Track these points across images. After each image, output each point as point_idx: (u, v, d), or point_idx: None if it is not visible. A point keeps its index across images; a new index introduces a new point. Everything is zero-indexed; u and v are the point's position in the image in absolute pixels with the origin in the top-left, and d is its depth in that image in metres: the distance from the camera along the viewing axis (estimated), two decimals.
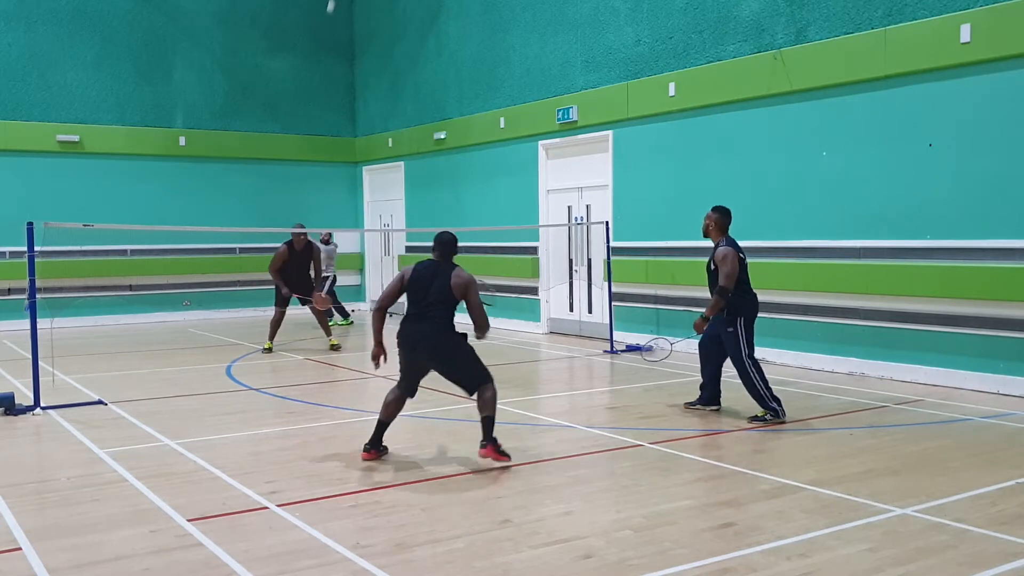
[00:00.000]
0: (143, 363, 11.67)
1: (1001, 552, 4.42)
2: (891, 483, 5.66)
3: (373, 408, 8.49)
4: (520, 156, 14.86)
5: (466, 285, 6.35)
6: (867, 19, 9.78)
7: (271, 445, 6.96)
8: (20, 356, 11.75)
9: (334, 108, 19.30)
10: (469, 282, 6.39)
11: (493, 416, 6.24)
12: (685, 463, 6.24)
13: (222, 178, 17.76)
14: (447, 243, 6.61)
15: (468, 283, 6.38)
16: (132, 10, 17.02)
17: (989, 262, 8.77)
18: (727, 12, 11.29)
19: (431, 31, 16.96)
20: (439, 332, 6.29)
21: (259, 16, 18.35)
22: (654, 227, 12.41)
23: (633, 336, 12.64)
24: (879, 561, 4.33)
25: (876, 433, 7.12)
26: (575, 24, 13.59)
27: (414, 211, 17.81)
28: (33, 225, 8.34)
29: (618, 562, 4.37)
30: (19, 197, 15.68)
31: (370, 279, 19.50)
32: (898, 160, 9.55)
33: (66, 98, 16.48)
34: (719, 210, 7.98)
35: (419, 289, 6.37)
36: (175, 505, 5.34)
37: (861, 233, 9.91)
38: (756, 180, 11.01)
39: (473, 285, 6.41)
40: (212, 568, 4.34)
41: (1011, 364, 8.65)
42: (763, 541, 4.61)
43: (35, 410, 8.24)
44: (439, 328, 6.29)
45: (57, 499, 5.63)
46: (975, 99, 8.90)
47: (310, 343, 13.63)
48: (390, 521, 5.03)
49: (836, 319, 10.19)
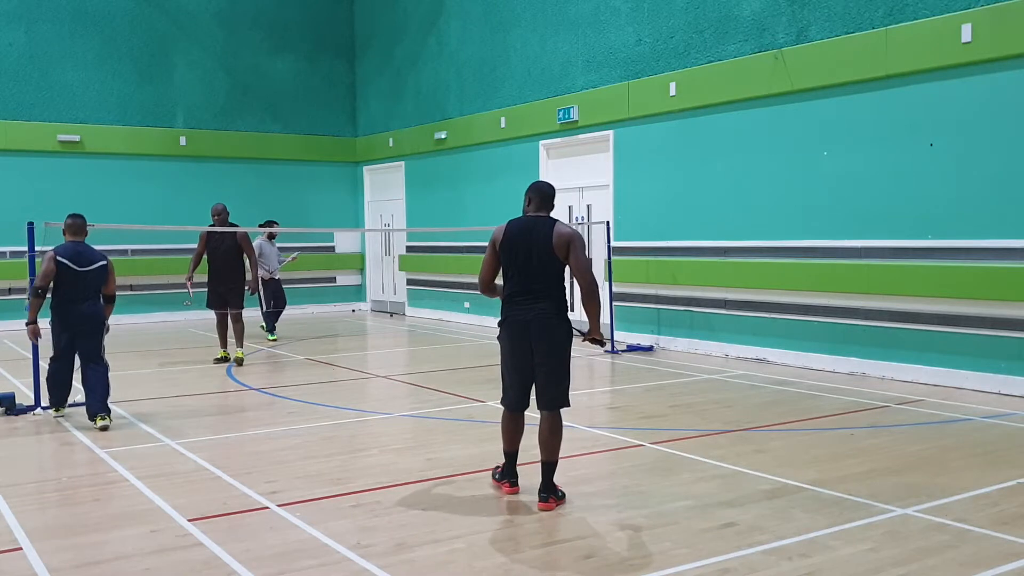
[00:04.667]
0: (143, 363, 11.67)
1: (1002, 552, 4.42)
2: (892, 483, 5.66)
3: (373, 408, 8.51)
4: (521, 156, 14.86)
5: (569, 240, 5.21)
6: (868, 19, 9.77)
7: (271, 445, 6.96)
8: (20, 356, 11.75)
9: (335, 108, 19.30)
10: (572, 236, 5.23)
11: (555, 462, 5.33)
12: (686, 463, 6.23)
13: (223, 178, 17.74)
14: (546, 193, 5.45)
15: (571, 236, 5.22)
16: (133, 10, 17.02)
17: (990, 262, 8.76)
18: (728, 12, 11.29)
19: (432, 31, 16.96)
20: (553, 313, 5.24)
21: (260, 16, 18.35)
22: (655, 227, 12.41)
23: (634, 336, 12.64)
24: (880, 561, 4.32)
25: (877, 433, 7.12)
26: (576, 24, 13.59)
27: (415, 211, 17.81)
28: (33, 225, 8.34)
29: (619, 562, 4.36)
30: (20, 197, 15.66)
31: (370, 279, 19.49)
32: (899, 160, 9.54)
33: (67, 98, 16.48)
34: None
35: (518, 254, 5.27)
36: (175, 505, 5.33)
37: (862, 233, 9.90)
38: (757, 180, 11.00)
39: (575, 238, 5.25)
40: (212, 568, 4.34)
41: (1012, 364, 8.64)
42: (764, 541, 4.60)
43: (35, 410, 8.24)
44: (553, 308, 5.24)
45: (57, 499, 5.63)
46: (976, 99, 8.90)
47: (310, 343, 13.63)
48: (391, 521, 5.03)
49: (837, 319, 10.18)
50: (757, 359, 10.99)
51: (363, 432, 7.52)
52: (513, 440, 5.50)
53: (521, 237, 5.27)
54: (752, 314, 11.10)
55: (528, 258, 5.24)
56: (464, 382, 9.68)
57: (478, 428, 7.39)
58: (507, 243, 5.29)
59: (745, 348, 11.19)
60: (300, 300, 18.27)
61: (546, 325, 5.24)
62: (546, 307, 5.25)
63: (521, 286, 5.28)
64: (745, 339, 11.21)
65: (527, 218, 5.38)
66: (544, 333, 5.24)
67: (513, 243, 5.28)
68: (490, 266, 5.41)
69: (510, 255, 5.29)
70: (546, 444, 5.30)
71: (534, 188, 5.47)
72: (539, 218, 5.35)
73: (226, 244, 11.34)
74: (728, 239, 11.33)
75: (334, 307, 19.15)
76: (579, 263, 5.23)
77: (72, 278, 7.63)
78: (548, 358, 5.27)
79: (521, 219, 5.39)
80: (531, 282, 5.25)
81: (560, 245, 5.21)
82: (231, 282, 11.32)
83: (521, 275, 5.27)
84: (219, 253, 11.37)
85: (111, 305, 7.98)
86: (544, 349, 5.25)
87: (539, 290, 5.26)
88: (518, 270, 5.28)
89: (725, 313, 11.46)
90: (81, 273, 7.66)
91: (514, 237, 5.29)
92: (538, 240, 5.23)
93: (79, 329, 7.68)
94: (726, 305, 11.43)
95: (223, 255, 11.35)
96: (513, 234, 5.30)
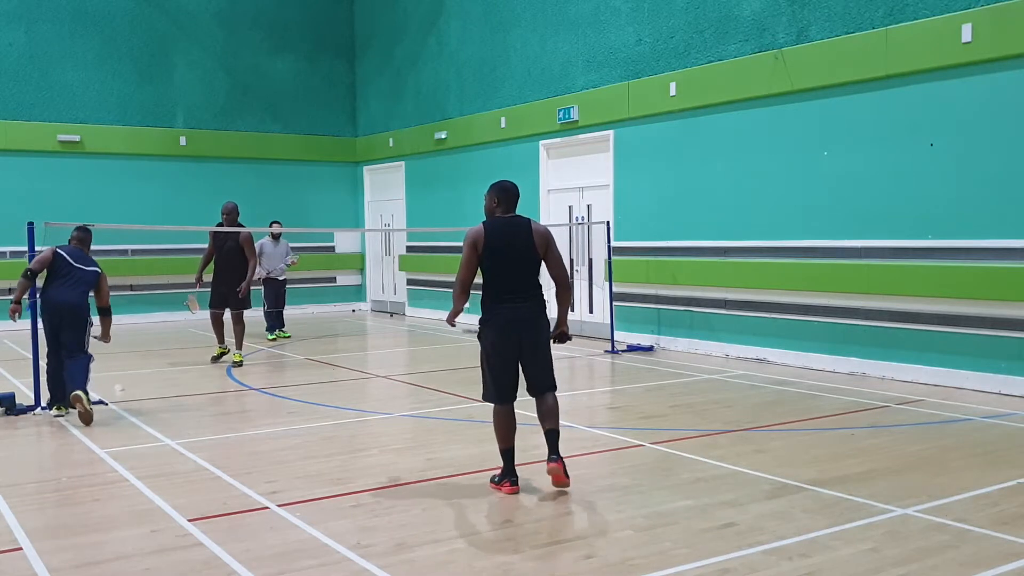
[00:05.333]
0: (144, 363, 11.67)
1: (1002, 552, 4.42)
2: (892, 483, 5.66)
3: (373, 408, 8.51)
4: (521, 156, 14.85)
5: (547, 237, 5.50)
6: (868, 19, 9.77)
7: (271, 445, 6.96)
8: (20, 356, 11.75)
9: (335, 108, 19.30)
10: (548, 233, 5.54)
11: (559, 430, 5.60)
12: (686, 463, 6.23)
13: (223, 178, 17.74)
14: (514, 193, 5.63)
15: (547, 234, 5.52)
16: (133, 10, 17.02)
17: (990, 262, 8.76)
18: (728, 12, 11.28)
19: (432, 31, 16.96)
20: (539, 310, 5.52)
21: (260, 16, 18.35)
22: (655, 227, 12.41)
23: (634, 336, 12.64)
24: (880, 561, 4.32)
25: (877, 433, 7.12)
26: (576, 24, 13.59)
27: (415, 211, 17.81)
28: (34, 225, 8.34)
29: (619, 562, 4.36)
30: (20, 197, 15.65)
31: (370, 279, 19.49)
32: (899, 160, 9.54)
33: (67, 98, 16.48)
34: None
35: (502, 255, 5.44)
36: (175, 505, 5.33)
37: (862, 233, 9.90)
38: (757, 180, 11.00)
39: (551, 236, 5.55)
40: (213, 568, 4.34)
41: (1012, 364, 8.64)
42: (764, 541, 4.60)
43: (36, 410, 8.24)
44: (538, 305, 5.52)
45: (58, 499, 5.63)
46: (976, 99, 8.90)
47: (310, 343, 13.63)
48: (391, 521, 5.03)
49: (837, 319, 10.18)
50: (757, 359, 10.99)
51: (363, 432, 7.52)
52: (509, 435, 5.61)
53: (505, 238, 5.44)
54: (752, 314, 11.10)
55: (513, 258, 5.44)
56: (464, 382, 9.68)
57: (478, 428, 7.39)
58: (490, 245, 5.43)
59: (745, 348, 11.19)
60: (300, 300, 18.28)
61: (535, 321, 5.54)
62: (532, 304, 5.53)
63: (507, 285, 5.47)
64: (745, 339, 11.21)
65: (505, 219, 5.54)
66: (534, 329, 5.54)
67: (497, 244, 5.43)
68: (471, 268, 5.50)
69: (495, 256, 5.44)
70: (552, 413, 5.56)
71: (501, 189, 5.61)
72: (515, 218, 5.56)
73: (228, 244, 11.36)
74: (728, 239, 11.33)
75: (334, 307, 19.15)
76: (557, 258, 5.55)
77: (66, 271, 8.05)
78: (538, 350, 5.56)
79: (498, 220, 5.54)
80: (516, 281, 5.47)
81: (540, 243, 5.47)
82: (232, 282, 11.31)
83: (507, 275, 5.46)
84: (222, 252, 11.44)
85: (108, 318, 8.27)
86: (534, 343, 5.54)
87: (524, 288, 5.50)
88: (503, 270, 5.45)
89: (725, 313, 11.46)
90: (75, 268, 8.09)
91: (497, 238, 5.43)
92: (521, 240, 5.45)
93: (62, 319, 7.90)
94: (726, 305, 11.43)
95: (226, 255, 11.39)
96: (496, 235, 5.44)
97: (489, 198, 5.63)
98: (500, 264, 5.45)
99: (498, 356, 5.53)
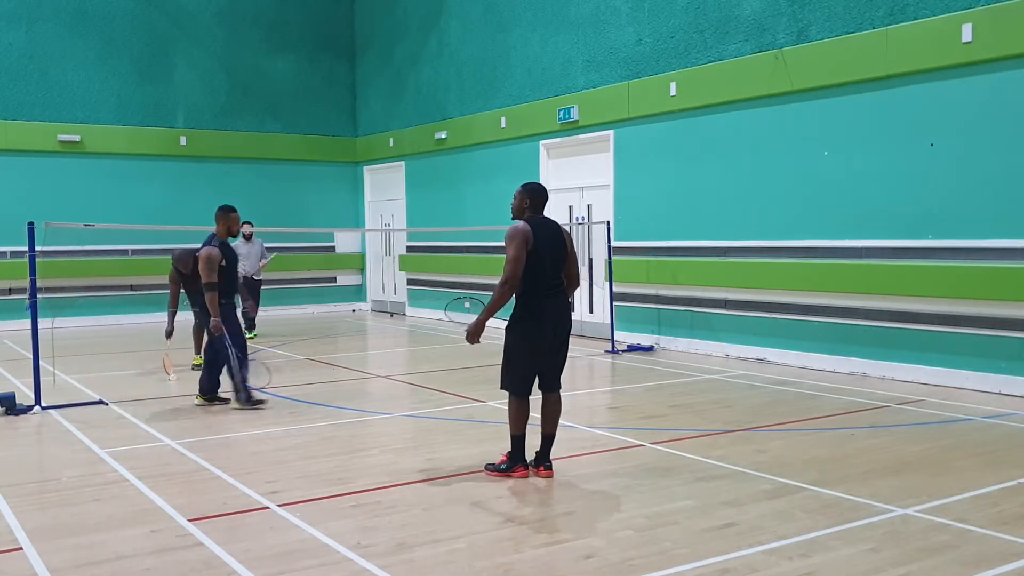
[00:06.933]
0: (144, 363, 11.67)
1: (1002, 552, 4.42)
2: (892, 483, 5.66)
3: (373, 408, 8.51)
4: (521, 156, 14.86)
5: (571, 237, 5.92)
6: (868, 19, 9.77)
7: (271, 445, 6.96)
8: (21, 356, 11.75)
9: (335, 108, 19.30)
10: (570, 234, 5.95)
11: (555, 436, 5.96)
12: (686, 463, 6.23)
13: (223, 178, 17.74)
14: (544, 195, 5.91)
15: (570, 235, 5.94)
16: (133, 10, 17.02)
17: (990, 262, 8.76)
18: (728, 12, 11.28)
19: (432, 31, 16.96)
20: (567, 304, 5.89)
21: (260, 16, 18.35)
22: (655, 227, 12.41)
23: (634, 336, 12.64)
24: (880, 561, 4.32)
25: (877, 433, 7.12)
26: (576, 24, 13.59)
27: (415, 211, 17.81)
28: (34, 225, 8.34)
29: (619, 562, 4.36)
30: (20, 197, 15.67)
31: (370, 279, 19.49)
32: (899, 160, 9.54)
33: (67, 98, 16.48)
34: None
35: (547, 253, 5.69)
36: (176, 505, 5.33)
37: (862, 233, 9.90)
38: (757, 180, 11.00)
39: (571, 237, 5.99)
40: (213, 568, 4.34)
41: (1012, 364, 8.64)
42: (764, 541, 4.60)
43: (36, 410, 8.24)
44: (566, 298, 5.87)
45: (58, 499, 5.63)
46: (976, 99, 8.90)
47: (310, 343, 13.63)
48: (391, 521, 5.03)
49: (837, 319, 10.18)
50: (757, 359, 10.99)
51: (363, 432, 7.52)
52: (524, 423, 5.88)
53: (548, 237, 5.72)
54: (752, 314, 11.10)
55: (553, 256, 5.73)
56: (464, 382, 9.68)
57: (478, 428, 7.39)
58: (538, 243, 5.66)
59: (745, 348, 11.19)
60: (300, 300, 18.29)
61: (568, 315, 5.90)
62: (565, 299, 5.88)
63: (548, 281, 5.73)
64: (745, 339, 11.21)
65: (541, 218, 5.81)
66: (568, 322, 5.90)
67: (543, 243, 5.69)
68: (523, 265, 5.62)
69: (541, 254, 5.66)
70: (555, 418, 5.90)
71: (533, 190, 5.85)
72: (548, 219, 5.86)
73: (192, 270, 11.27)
74: (728, 239, 11.33)
75: (334, 307, 19.15)
76: (575, 256, 5.92)
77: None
78: (565, 345, 5.91)
79: (537, 219, 5.78)
80: (555, 277, 5.77)
81: (569, 243, 5.84)
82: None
83: (549, 271, 5.72)
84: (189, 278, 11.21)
85: (203, 296, 8.36)
86: (565, 336, 5.89)
87: (558, 284, 5.81)
88: (547, 266, 5.71)
89: (725, 313, 11.46)
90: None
91: (542, 237, 5.69)
92: (559, 239, 5.77)
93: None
94: (726, 305, 11.43)
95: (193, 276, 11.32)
96: (540, 234, 5.69)
97: (520, 198, 5.84)
98: (544, 261, 5.69)
99: (535, 348, 5.76)
